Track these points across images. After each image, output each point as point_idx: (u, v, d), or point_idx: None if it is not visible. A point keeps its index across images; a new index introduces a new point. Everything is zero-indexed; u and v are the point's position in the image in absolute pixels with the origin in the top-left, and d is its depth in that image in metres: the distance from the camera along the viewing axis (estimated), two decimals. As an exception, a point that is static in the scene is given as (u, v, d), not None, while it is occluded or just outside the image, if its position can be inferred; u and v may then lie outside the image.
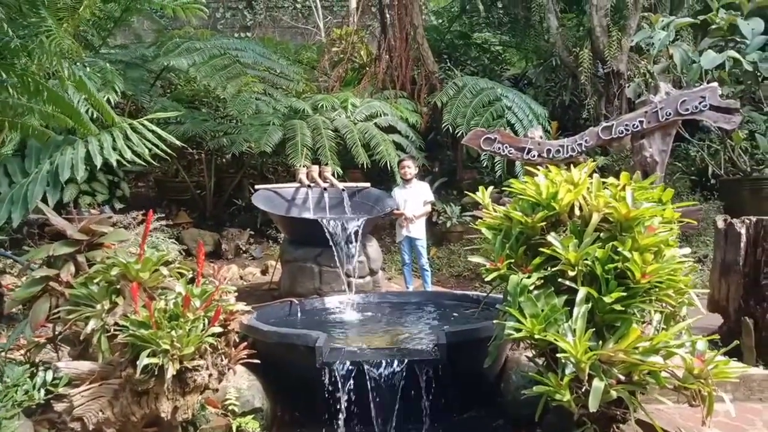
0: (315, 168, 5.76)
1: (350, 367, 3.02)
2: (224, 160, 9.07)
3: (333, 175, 5.91)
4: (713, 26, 6.79)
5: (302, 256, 5.06)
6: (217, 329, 2.63)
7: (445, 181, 9.17)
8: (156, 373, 2.41)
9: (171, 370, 2.39)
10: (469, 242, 7.42)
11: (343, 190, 5.48)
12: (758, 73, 6.49)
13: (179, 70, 8.28)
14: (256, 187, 5.57)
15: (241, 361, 2.93)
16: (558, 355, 2.20)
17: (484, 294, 4.86)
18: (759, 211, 6.33)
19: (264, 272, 6.82)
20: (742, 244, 3.76)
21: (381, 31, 9.75)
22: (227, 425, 3.02)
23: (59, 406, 2.41)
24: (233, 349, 2.87)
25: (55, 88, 3.46)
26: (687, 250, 2.58)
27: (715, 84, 5.05)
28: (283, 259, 5.35)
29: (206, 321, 2.62)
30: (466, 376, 3.28)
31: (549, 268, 2.49)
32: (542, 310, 2.35)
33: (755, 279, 3.72)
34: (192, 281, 2.86)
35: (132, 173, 9.01)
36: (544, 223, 2.60)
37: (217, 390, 2.80)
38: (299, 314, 4.35)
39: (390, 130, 8.14)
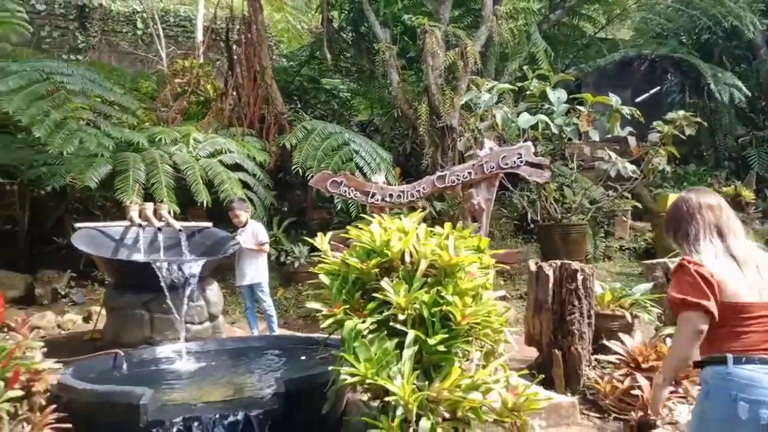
0: (149, 205, 5.39)
1: (180, 426, 2.81)
2: (44, 192, 8.05)
3: (170, 213, 5.57)
4: (528, 92, 7.81)
5: (130, 303, 4.64)
6: (16, 393, 2.30)
7: (294, 221, 9.13)
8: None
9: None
10: (317, 285, 7.42)
11: (180, 229, 5.19)
12: (563, 135, 7.57)
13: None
14: (77, 225, 5.02)
15: (50, 426, 2.59)
16: (386, 398, 2.28)
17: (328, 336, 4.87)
18: (567, 253, 7.27)
19: (87, 319, 6.11)
20: (550, 285, 4.27)
21: (228, 67, 9.59)
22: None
23: None
24: (38, 413, 2.53)
25: None
26: (502, 292, 2.88)
27: (530, 143, 5.78)
28: (107, 306, 4.86)
29: (1, 384, 2.27)
30: (307, 422, 3.23)
31: (383, 313, 2.61)
32: (375, 354, 2.43)
33: (562, 315, 4.23)
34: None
35: None
36: (378, 269, 2.72)
37: (14, 464, 2.41)
38: (125, 367, 3.95)
39: (236, 167, 7.94)
